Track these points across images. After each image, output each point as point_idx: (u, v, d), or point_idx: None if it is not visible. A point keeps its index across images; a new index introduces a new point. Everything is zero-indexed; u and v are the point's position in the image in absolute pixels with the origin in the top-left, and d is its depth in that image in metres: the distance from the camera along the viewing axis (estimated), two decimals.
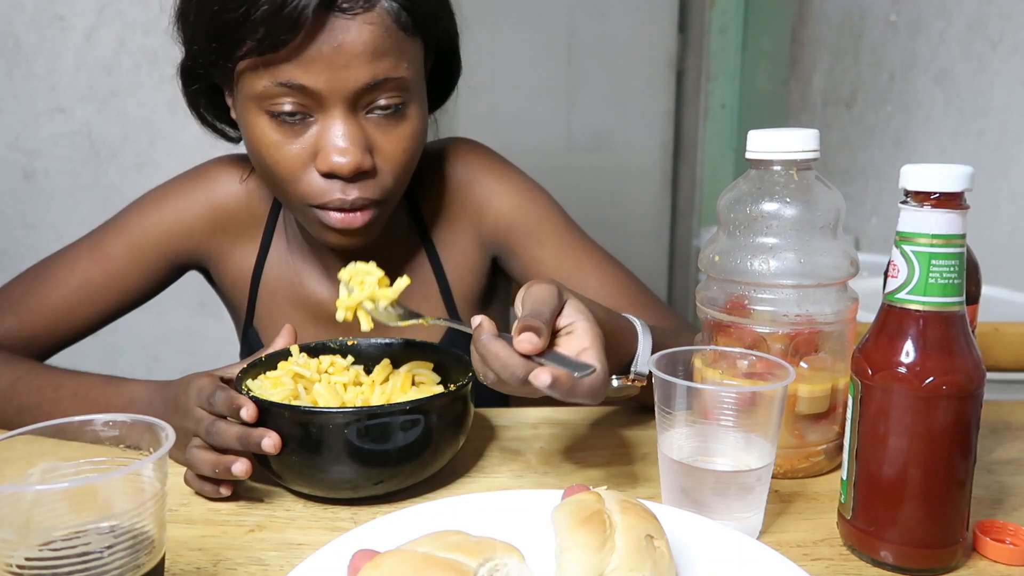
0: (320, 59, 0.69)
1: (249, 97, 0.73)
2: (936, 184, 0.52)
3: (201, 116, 0.85)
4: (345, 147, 0.72)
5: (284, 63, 0.69)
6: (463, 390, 0.67)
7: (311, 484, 0.65)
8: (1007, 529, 0.59)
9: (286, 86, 0.70)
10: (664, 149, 3.11)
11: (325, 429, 0.61)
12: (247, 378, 0.69)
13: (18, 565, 0.41)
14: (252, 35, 0.68)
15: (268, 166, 0.75)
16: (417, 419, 0.63)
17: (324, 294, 0.90)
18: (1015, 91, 1.74)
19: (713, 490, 0.58)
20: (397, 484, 0.65)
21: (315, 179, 0.74)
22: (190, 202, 0.89)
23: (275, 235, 0.91)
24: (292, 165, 0.74)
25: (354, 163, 0.72)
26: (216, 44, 0.71)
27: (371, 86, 0.71)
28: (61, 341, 0.87)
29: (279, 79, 0.70)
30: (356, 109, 0.73)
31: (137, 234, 0.87)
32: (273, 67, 0.70)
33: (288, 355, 0.72)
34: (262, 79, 0.71)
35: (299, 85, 0.70)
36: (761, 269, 0.67)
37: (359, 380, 0.72)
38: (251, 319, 0.92)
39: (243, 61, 0.71)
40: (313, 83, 0.70)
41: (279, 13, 0.66)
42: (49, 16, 1.85)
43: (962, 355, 0.53)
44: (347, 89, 0.71)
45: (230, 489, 0.65)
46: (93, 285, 0.86)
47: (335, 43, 0.69)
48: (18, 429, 0.47)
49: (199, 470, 0.64)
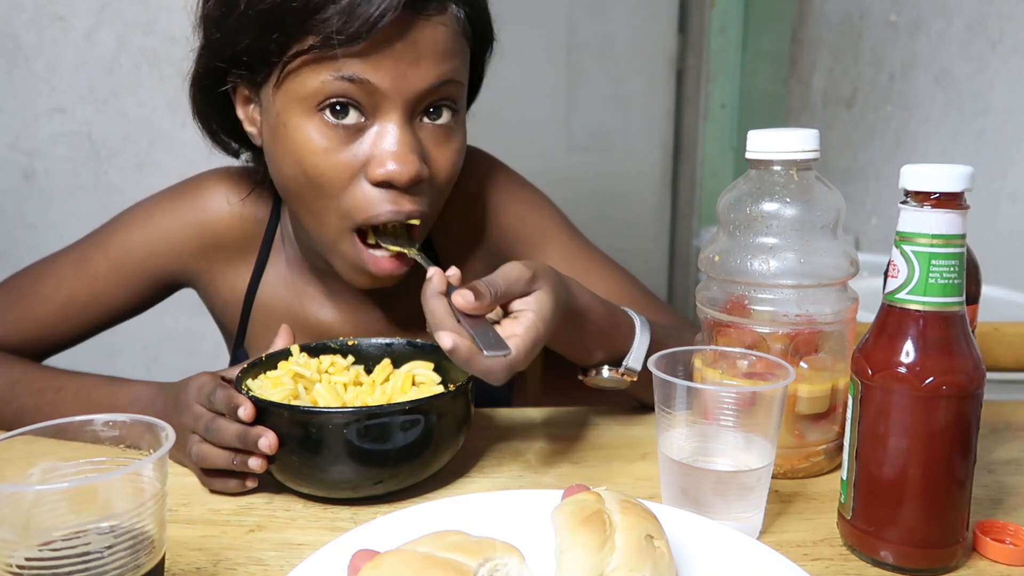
0: (391, 55, 0.65)
1: (296, 99, 0.68)
2: (936, 184, 0.52)
3: (209, 128, 0.80)
4: (404, 153, 0.67)
5: (349, 57, 0.65)
6: (463, 390, 0.67)
7: (311, 484, 0.65)
8: (1007, 529, 0.59)
9: (349, 80, 0.65)
10: (664, 149, 3.11)
11: (324, 429, 0.61)
12: (247, 378, 0.68)
13: (18, 565, 0.41)
14: (323, 28, 0.64)
15: (312, 177, 0.69)
16: (417, 419, 0.63)
17: (326, 317, 0.87)
18: (1015, 91, 1.74)
19: (713, 490, 0.58)
20: (397, 484, 0.65)
21: (365, 189, 0.69)
22: (178, 221, 0.84)
23: (271, 255, 0.87)
24: (340, 174, 0.68)
25: (413, 171, 0.68)
26: (275, 36, 0.66)
27: (435, 87, 0.68)
28: (48, 351, 0.86)
29: (343, 72, 0.65)
30: (413, 116, 0.69)
31: (122, 253, 0.84)
32: (335, 61, 0.65)
33: (288, 355, 0.72)
34: (320, 74, 0.66)
35: (364, 80, 0.66)
36: (761, 269, 0.67)
37: (359, 380, 0.72)
38: (241, 340, 0.89)
39: (300, 57, 0.66)
40: (380, 80, 0.66)
41: (355, 8, 0.63)
42: (49, 16, 1.85)
43: (962, 355, 0.53)
44: (413, 89, 0.67)
45: (255, 481, 0.66)
46: (78, 303, 0.84)
47: (409, 40, 0.66)
48: (18, 429, 0.47)
49: (213, 464, 0.64)
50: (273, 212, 0.86)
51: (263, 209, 0.86)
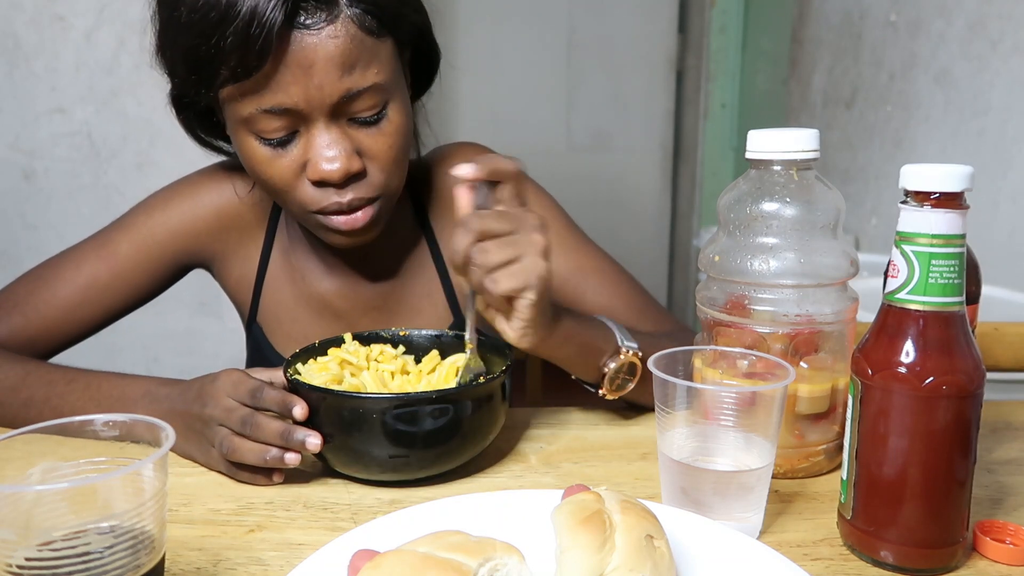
0: (294, 79, 0.70)
1: (236, 121, 0.74)
2: (936, 184, 0.52)
3: (198, 138, 0.86)
4: (332, 155, 0.73)
5: (263, 88, 0.71)
6: (493, 382, 0.69)
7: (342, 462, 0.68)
8: (1007, 529, 0.59)
9: (269, 112, 0.72)
10: (664, 149, 3.11)
11: (356, 413, 0.65)
12: (297, 362, 0.73)
13: (18, 565, 0.41)
14: (226, 64, 0.69)
15: (263, 180, 0.77)
16: (446, 408, 0.65)
17: (326, 289, 0.92)
18: (1015, 91, 1.74)
19: (713, 490, 0.58)
20: (422, 470, 0.68)
21: (308, 188, 0.76)
22: (197, 203, 0.90)
23: (277, 234, 0.93)
24: (285, 177, 0.75)
25: (343, 169, 0.73)
26: (195, 76, 0.72)
27: (346, 98, 0.72)
28: (66, 340, 0.88)
29: (262, 106, 0.71)
30: (338, 117, 0.74)
31: (144, 234, 0.88)
32: (253, 94, 0.71)
33: (341, 342, 0.77)
34: (246, 106, 0.72)
35: (282, 109, 0.71)
36: (761, 269, 0.67)
37: (407, 369, 0.75)
38: (254, 315, 0.94)
39: (224, 88, 0.72)
40: (292, 103, 0.71)
41: (246, 40, 0.67)
42: (49, 16, 1.85)
43: (962, 355, 0.53)
44: (325, 101, 0.72)
45: (282, 476, 0.68)
46: (100, 284, 0.87)
47: (305, 62, 0.69)
48: (20, 428, 0.47)
49: (243, 458, 0.66)
50: None
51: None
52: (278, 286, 0.93)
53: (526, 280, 0.64)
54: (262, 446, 0.66)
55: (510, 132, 2.76)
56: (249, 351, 0.97)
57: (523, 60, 2.83)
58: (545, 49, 2.88)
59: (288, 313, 0.93)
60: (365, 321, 0.91)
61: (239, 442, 0.66)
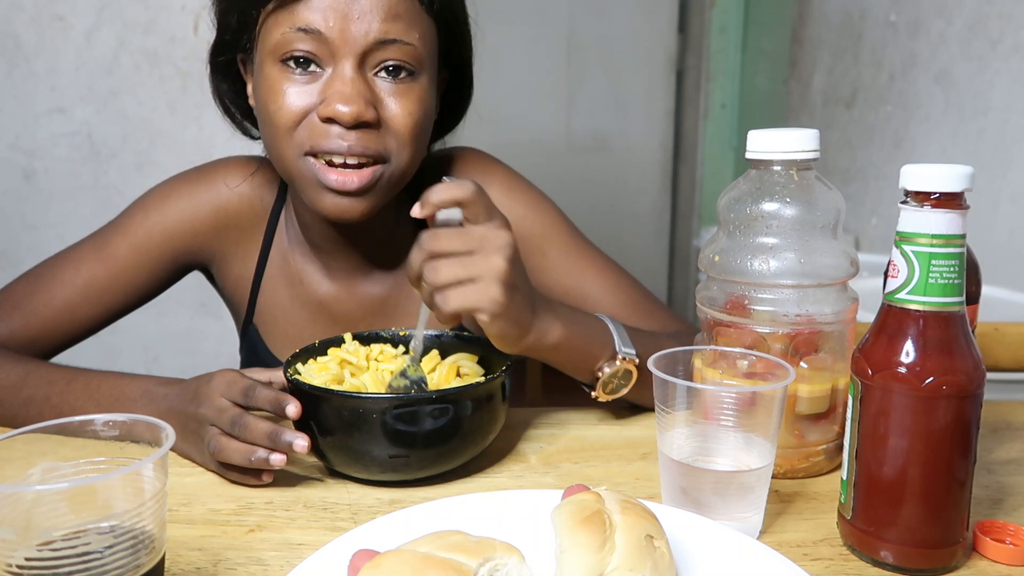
0: (337, 8, 0.72)
1: (267, 51, 0.76)
2: (936, 184, 0.52)
3: (225, 106, 0.87)
4: (350, 95, 0.74)
5: (303, 9, 0.73)
6: (492, 383, 0.69)
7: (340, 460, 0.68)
8: (1007, 529, 0.59)
9: (303, 31, 0.73)
10: (664, 149, 3.11)
11: (356, 413, 0.65)
12: (297, 362, 0.73)
13: (18, 565, 0.41)
14: None
15: (271, 113, 0.76)
16: (446, 408, 0.65)
17: (324, 292, 0.91)
18: (1015, 91, 1.74)
19: (713, 490, 0.58)
20: (421, 470, 0.68)
21: (315, 123, 0.75)
22: (195, 202, 0.89)
23: (276, 235, 0.92)
24: (295, 110, 0.75)
25: (356, 111, 0.73)
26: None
27: (381, 43, 0.74)
28: (66, 340, 0.88)
29: (297, 24, 0.73)
30: (366, 67, 0.75)
31: (142, 234, 0.88)
32: (293, 13, 0.73)
33: (341, 342, 0.77)
34: (281, 26, 0.74)
35: (315, 30, 0.73)
36: (761, 269, 0.67)
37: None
38: (251, 317, 0.93)
39: (268, 5, 0.74)
40: (327, 30, 0.73)
41: None
42: (49, 16, 1.85)
43: (962, 355, 0.53)
44: (358, 41, 0.73)
45: (271, 476, 0.68)
46: (98, 285, 0.87)
47: None
48: (20, 427, 0.47)
49: (229, 458, 0.66)
50: (279, 197, 0.92)
51: (269, 194, 0.92)
52: (276, 288, 0.92)
53: (477, 302, 0.64)
54: (248, 447, 0.65)
55: (510, 132, 2.76)
56: (245, 353, 0.96)
57: (523, 60, 2.83)
58: (545, 49, 2.88)
59: (285, 315, 0.92)
60: (362, 325, 0.91)
61: (226, 442, 0.66)
